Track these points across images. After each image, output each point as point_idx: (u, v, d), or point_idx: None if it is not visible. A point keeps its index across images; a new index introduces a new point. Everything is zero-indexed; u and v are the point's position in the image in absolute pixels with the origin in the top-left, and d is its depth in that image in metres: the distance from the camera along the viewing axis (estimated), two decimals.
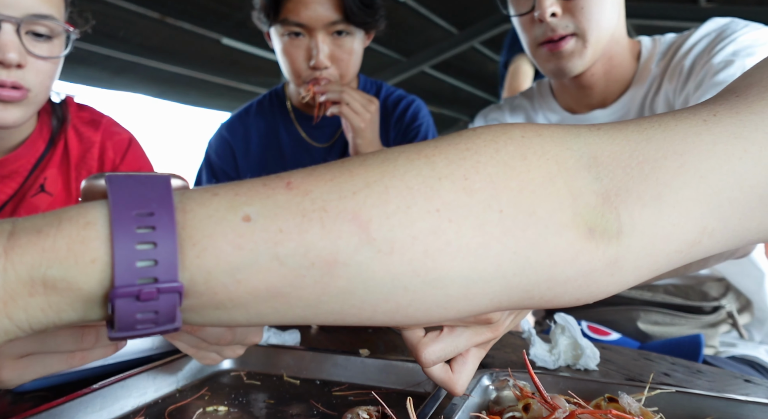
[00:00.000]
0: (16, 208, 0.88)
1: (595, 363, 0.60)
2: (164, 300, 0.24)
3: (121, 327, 0.24)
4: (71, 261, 0.23)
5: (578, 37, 0.85)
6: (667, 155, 0.28)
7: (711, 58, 0.80)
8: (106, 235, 0.23)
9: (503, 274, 0.27)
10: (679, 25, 3.33)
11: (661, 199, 0.27)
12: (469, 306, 0.28)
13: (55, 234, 0.23)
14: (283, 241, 0.25)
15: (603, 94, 0.95)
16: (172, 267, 0.24)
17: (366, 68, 1.04)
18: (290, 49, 1.04)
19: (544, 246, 0.27)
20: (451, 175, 0.27)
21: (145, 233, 0.23)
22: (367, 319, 0.28)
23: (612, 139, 0.29)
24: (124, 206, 0.24)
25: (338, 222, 0.25)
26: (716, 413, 0.44)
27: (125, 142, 0.99)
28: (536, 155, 0.28)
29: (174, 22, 3.16)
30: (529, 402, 0.44)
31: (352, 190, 0.26)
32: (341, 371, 0.59)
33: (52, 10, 0.77)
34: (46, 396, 0.53)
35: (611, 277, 0.28)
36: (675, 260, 0.29)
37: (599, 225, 0.27)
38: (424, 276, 0.26)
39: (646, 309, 0.92)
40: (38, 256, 0.23)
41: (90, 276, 0.23)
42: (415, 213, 0.26)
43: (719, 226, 0.28)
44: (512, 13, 0.92)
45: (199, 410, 0.51)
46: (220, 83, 4.25)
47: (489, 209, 0.26)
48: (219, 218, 0.25)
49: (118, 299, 0.23)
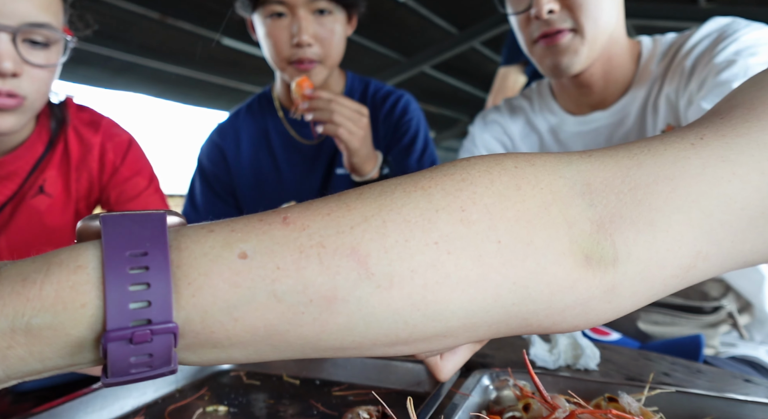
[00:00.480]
0: (15, 209, 0.88)
1: (595, 363, 0.60)
2: (158, 342, 0.23)
3: (115, 372, 0.24)
4: (59, 307, 0.22)
5: (576, 32, 0.85)
6: (659, 180, 0.28)
7: (713, 58, 0.80)
8: (98, 278, 0.23)
9: (503, 304, 0.27)
10: (679, 25, 3.33)
11: (654, 224, 0.28)
12: (468, 335, 0.28)
13: (42, 281, 0.22)
14: (281, 278, 0.25)
15: (602, 94, 0.95)
16: (167, 307, 0.23)
17: (366, 68, 1.04)
18: (273, 31, 1.05)
19: (542, 276, 0.27)
20: (448, 207, 0.27)
21: (138, 274, 0.23)
22: (366, 352, 0.28)
23: (603, 165, 0.29)
24: (117, 246, 0.23)
25: (336, 258, 0.25)
26: (716, 413, 0.44)
27: (125, 144, 0.99)
28: (530, 185, 0.28)
29: (174, 22, 3.17)
30: (529, 402, 0.44)
31: (350, 224, 0.26)
32: (341, 371, 0.59)
33: (49, 17, 0.76)
34: (46, 396, 0.53)
35: (609, 304, 0.28)
36: (671, 285, 0.29)
37: (595, 252, 0.28)
38: (424, 309, 0.26)
39: (647, 309, 0.92)
40: (21, 306, 0.22)
41: (79, 322, 0.22)
42: (414, 247, 0.26)
43: (713, 250, 0.29)
44: (509, 11, 0.92)
45: (199, 410, 0.51)
46: (220, 83, 4.25)
47: (487, 240, 0.27)
48: (215, 256, 0.25)
49: (110, 343, 0.22)
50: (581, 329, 0.30)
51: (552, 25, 0.84)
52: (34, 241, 0.90)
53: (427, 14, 3.66)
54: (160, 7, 3.01)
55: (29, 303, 0.22)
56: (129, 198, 0.96)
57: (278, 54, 1.06)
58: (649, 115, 0.90)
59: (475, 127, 1.13)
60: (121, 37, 3.22)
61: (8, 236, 0.88)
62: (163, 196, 1.04)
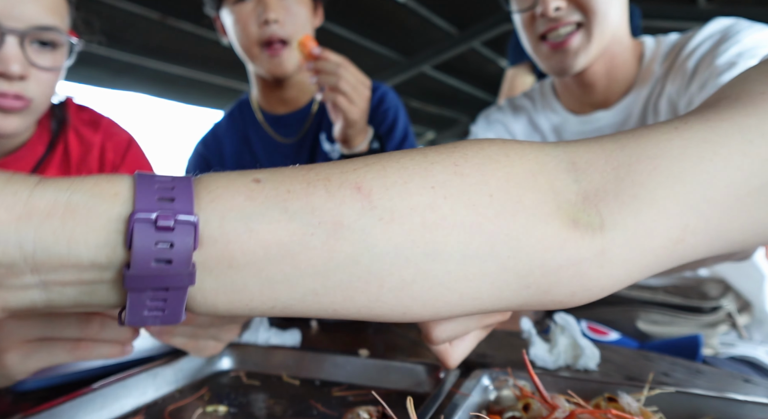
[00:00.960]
0: None
1: (595, 363, 0.60)
2: (180, 233, 0.25)
3: (138, 259, 0.24)
4: (96, 191, 0.25)
5: (584, 27, 0.84)
6: (641, 159, 0.30)
7: (715, 60, 0.79)
8: (131, 181, 0.26)
9: (498, 255, 0.28)
10: (679, 25, 3.32)
11: (638, 198, 0.29)
12: (470, 288, 0.29)
13: (83, 177, 0.26)
14: (291, 199, 0.27)
15: (605, 93, 0.94)
16: (188, 204, 0.26)
17: (366, 68, 1.03)
18: (240, 16, 1.06)
19: (533, 232, 0.29)
20: (443, 162, 0.29)
21: (164, 183, 0.26)
22: (375, 299, 0.29)
23: (588, 147, 0.31)
24: (146, 174, 0.27)
25: (342, 190, 0.28)
26: (716, 413, 0.44)
27: (125, 143, 0.99)
28: (518, 155, 0.30)
29: (174, 22, 3.17)
30: (529, 401, 0.44)
31: (353, 167, 0.29)
32: (341, 371, 0.60)
33: (56, 20, 0.76)
34: (46, 396, 0.53)
35: (601, 269, 0.29)
36: (663, 257, 0.30)
37: (582, 218, 0.29)
38: (424, 247, 0.28)
39: (646, 309, 0.92)
40: (66, 184, 0.25)
41: (111, 205, 0.25)
42: (413, 188, 0.28)
43: (701, 225, 0.30)
44: (514, 9, 0.91)
45: (199, 410, 0.51)
46: (220, 83, 4.25)
47: (480, 192, 0.29)
48: (231, 179, 0.27)
49: (137, 224, 0.24)
50: (580, 299, 0.31)
51: (558, 21, 0.84)
52: None
53: (427, 14, 3.66)
54: (160, 7, 3.01)
55: (72, 184, 0.25)
56: None
57: (247, 37, 1.06)
58: (650, 115, 0.90)
59: (477, 127, 1.13)
60: (121, 37, 3.22)
61: None
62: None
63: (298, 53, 0.97)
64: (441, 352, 0.42)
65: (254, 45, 1.07)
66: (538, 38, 0.88)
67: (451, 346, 0.42)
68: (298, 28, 1.08)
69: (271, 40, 1.05)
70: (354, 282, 0.28)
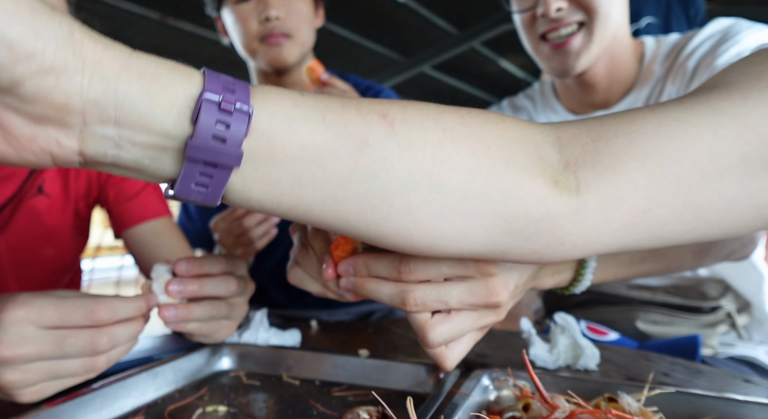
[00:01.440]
0: (15, 210, 0.88)
1: (595, 363, 0.60)
2: (236, 118, 0.29)
3: (201, 132, 0.28)
4: (176, 70, 0.29)
5: (585, 28, 0.84)
6: (618, 134, 0.34)
7: (715, 60, 0.79)
8: (202, 74, 0.30)
9: (490, 198, 0.33)
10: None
11: (612, 168, 0.33)
12: (464, 224, 0.33)
13: (164, 60, 0.30)
14: (329, 113, 0.31)
15: (606, 94, 0.94)
16: (246, 97, 0.30)
17: (366, 68, 1.03)
18: (241, 14, 1.06)
19: (521, 183, 0.33)
20: (452, 113, 0.34)
21: (228, 81, 0.30)
22: (384, 217, 0.32)
23: (572, 125, 0.36)
24: (213, 71, 0.31)
25: (370, 114, 0.32)
26: (716, 413, 0.44)
27: None
28: (512, 123, 0.35)
29: (174, 22, 3.17)
30: (529, 402, 0.44)
31: (379, 102, 0.33)
32: (341, 371, 0.59)
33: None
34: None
35: (575, 226, 0.33)
36: (632, 225, 0.33)
37: (562, 180, 0.33)
38: (431, 177, 0.32)
39: (645, 309, 0.92)
40: (153, 58, 0.29)
41: (187, 83, 0.29)
42: (428, 127, 0.33)
43: (668, 198, 0.33)
44: (514, 9, 0.91)
45: (199, 410, 0.51)
46: None
47: (480, 142, 0.33)
48: (279, 91, 0.32)
49: (204, 102, 0.28)
50: (554, 251, 0.34)
51: (560, 21, 0.84)
52: (34, 242, 0.90)
53: (427, 14, 3.66)
54: (160, 7, 3.01)
55: (157, 60, 0.29)
56: (127, 197, 0.96)
57: (248, 34, 1.07)
58: None
59: None
60: (121, 37, 3.21)
61: (8, 237, 0.87)
62: (161, 195, 1.04)
63: (305, 76, 0.98)
64: (437, 355, 0.42)
65: (254, 40, 1.07)
66: (539, 38, 0.88)
67: (447, 349, 0.42)
68: (299, 24, 1.08)
69: (272, 34, 1.05)
70: (369, 197, 0.32)
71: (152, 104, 0.28)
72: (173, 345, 0.70)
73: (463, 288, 0.41)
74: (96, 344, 0.47)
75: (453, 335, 0.41)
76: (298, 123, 0.30)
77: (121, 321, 0.49)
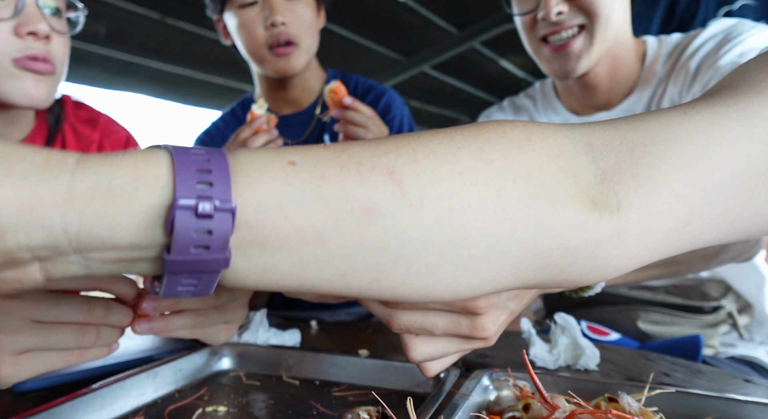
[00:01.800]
0: None
1: (595, 363, 0.60)
2: (219, 220, 0.25)
3: (178, 247, 0.25)
4: (136, 174, 0.25)
5: (586, 30, 0.84)
6: (655, 142, 0.31)
7: (717, 60, 0.79)
8: (169, 162, 0.26)
9: (520, 239, 0.29)
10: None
11: (652, 179, 0.30)
12: (492, 271, 0.30)
13: (122, 157, 0.25)
14: (326, 184, 0.27)
15: (607, 95, 0.94)
16: (227, 190, 0.26)
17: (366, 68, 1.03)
18: (245, 20, 1.05)
19: (554, 214, 0.29)
20: (469, 146, 0.30)
21: (202, 164, 0.26)
22: (401, 282, 0.29)
23: (603, 129, 0.32)
24: (183, 149, 0.27)
25: (374, 175, 0.28)
26: (716, 413, 0.44)
27: (123, 141, 0.99)
28: (539, 138, 0.31)
29: (174, 22, 3.17)
30: (529, 402, 0.44)
31: (384, 150, 0.29)
32: (341, 371, 0.59)
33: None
34: (46, 396, 0.53)
35: (616, 249, 0.30)
36: (671, 240, 0.31)
37: (600, 200, 0.30)
38: (450, 233, 0.28)
39: (646, 309, 0.92)
40: (106, 167, 0.25)
41: (152, 190, 0.25)
42: (442, 174, 0.29)
43: (706, 208, 0.31)
44: (515, 12, 0.91)
45: (199, 410, 0.51)
46: (220, 83, 4.25)
47: (504, 177, 0.29)
48: (267, 160, 0.28)
49: (178, 211, 0.25)
50: (593, 278, 0.31)
51: (561, 25, 0.83)
52: None
53: (427, 14, 3.65)
54: (160, 7, 3.01)
55: (112, 167, 0.25)
56: None
57: (254, 41, 1.07)
58: None
59: None
60: (121, 37, 3.22)
61: None
62: None
63: (327, 98, 0.98)
64: (420, 365, 0.42)
65: (262, 47, 1.07)
66: (540, 41, 0.88)
67: (429, 362, 0.41)
68: (304, 29, 1.08)
69: (278, 41, 1.05)
70: (381, 266, 0.29)
71: (114, 225, 0.24)
72: (173, 345, 0.70)
73: (448, 320, 0.39)
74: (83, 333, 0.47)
75: (435, 356, 0.40)
76: (292, 206, 0.27)
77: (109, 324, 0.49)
